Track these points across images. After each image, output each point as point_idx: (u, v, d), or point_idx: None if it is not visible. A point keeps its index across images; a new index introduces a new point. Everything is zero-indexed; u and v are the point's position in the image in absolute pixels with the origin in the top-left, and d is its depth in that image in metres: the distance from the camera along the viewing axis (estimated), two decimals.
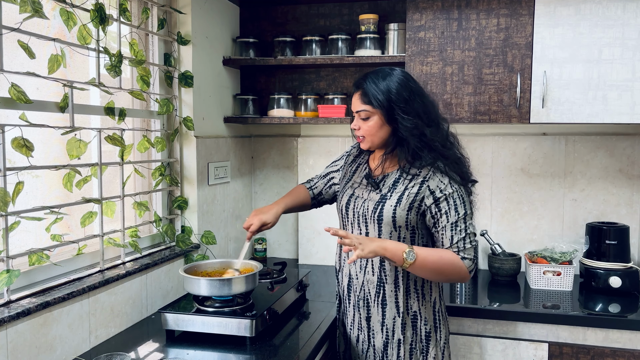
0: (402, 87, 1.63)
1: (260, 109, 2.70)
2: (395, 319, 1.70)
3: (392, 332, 1.71)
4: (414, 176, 1.66)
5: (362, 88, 1.66)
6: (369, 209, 1.69)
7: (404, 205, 1.64)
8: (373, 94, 1.63)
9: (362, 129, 1.68)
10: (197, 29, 2.27)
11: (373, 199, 1.70)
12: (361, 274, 1.74)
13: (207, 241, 2.29)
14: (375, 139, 1.68)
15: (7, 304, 1.43)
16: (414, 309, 1.71)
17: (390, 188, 1.68)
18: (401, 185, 1.67)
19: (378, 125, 1.65)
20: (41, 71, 1.53)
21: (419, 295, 1.71)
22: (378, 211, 1.67)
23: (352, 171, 1.85)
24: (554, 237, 2.54)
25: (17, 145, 1.43)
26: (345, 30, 2.61)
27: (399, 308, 1.70)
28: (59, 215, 1.60)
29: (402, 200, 1.65)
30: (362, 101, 1.66)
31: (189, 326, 1.71)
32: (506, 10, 2.19)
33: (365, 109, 1.65)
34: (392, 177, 1.71)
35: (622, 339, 1.99)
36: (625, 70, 2.09)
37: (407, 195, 1.65)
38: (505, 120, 2.22)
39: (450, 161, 1.65)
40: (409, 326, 1.71)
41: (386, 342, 1.72)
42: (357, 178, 1.80)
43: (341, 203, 1.80)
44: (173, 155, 2.26)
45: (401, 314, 1.70)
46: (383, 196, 1.68)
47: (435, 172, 1.64)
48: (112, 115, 1.85)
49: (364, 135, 1.68)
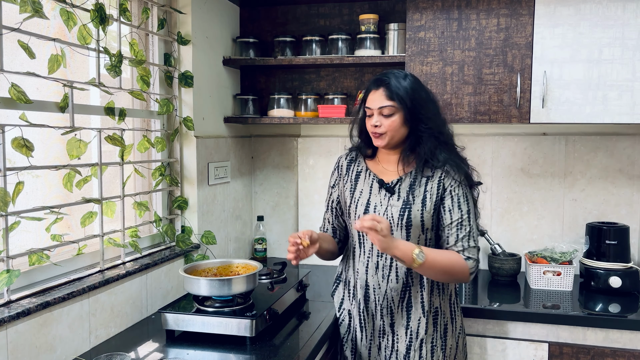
0: (420, 88, 1.69)
1: (260, 109, 2.70)
2: (420, 319, 1.72)
3: (417, 333, 1.72)
4: (429, 177, 1.69)
5: (385, 85, 1.66)
6: (393, 216, 1.68)
7: (429, 208, 1.67)
8: (398, 92, 1.64)
9: (384, 125, 1.66)
10: (197, 29, 2.27)
11: (395, 205, 1.69)
12: (384, 282, 1.72)
13: (207, 241, 2.29)
14: (396, 135, 1.67)
15: (7, 304, 1.43)
16: (436, 305, 1.74)
17: (409, 192, 1.69)
18: (419, 187, 1.69)
19: (399, 123, 1.66)
20: (41, 71, 1.53)
21: (440, 291, 1.75)
22: (405, 217, 1.67)
23: (354, 179, 1.81)
24: (554, 237, 2.54)
25: (17, 145, 1.43)
26: (345, 30, 2.61)
27: (424, 308, 1.71)
28: (59, 215, 1.60)
29: (427, 203, 1.67)
30: (387, 97, 1.65)
31: (189, 326, 1.71)
32: (506, 10, 2.19)
33: (390, 105, 1.65)
34: (406, 180, 1.71)
35: (622, 339, 1.99)
36: (625, 70, 2.09)
37: (430, 197, 1.67)
38: (505, 120, 2.22)
39: (460, 161, 1.70)
40: (430, 324, 1.72)
41: (409, 344, 1.72)
42: (364, 186, 1.77)
43: (357, 213, 1.75)
44: (173, 155, 2.26)
45: (425, 313, 1.72)
46: (406, 202, 1.68)
47: (448, 172, 1.67)
48: (112, 115, 1.84)
49: (386, 132, 1.66)
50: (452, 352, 1.77)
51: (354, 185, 1.80)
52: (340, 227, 1.90)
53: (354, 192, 1.79)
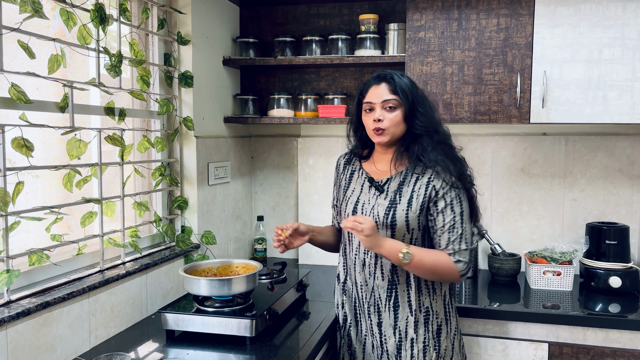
0: (417, 87, 1.72)
1: (260, 109, 2.70)
2: (408, 318, 1.71)
3: (405, 332, 1.71)
4: (418, 176, 1.69)
5: (386, 80, 1.68)
6: (379, 214, 1.69)
7: (415, 208, 1.66)
8: (401, 86, 1.67)
9: (387, 119, 1.66)
10: (197, 29, 2.27)
11: (382, 204, 1.70)
12: (370, 279, 1.73)
13: (207, 241, 2.29)
14: (397, 131, 1.68)
15: (7, 304, 1.43)
16: (426, 305, 1.72)
17: (396, 191, 1.69)
18: (407, 187, 1.69)
19: (400, 118, 1.67)
20: (41, 71, 1.53)
21: (430, 291, 1.73)
22: (390, 216, 1.67)
23: (348, 178, 1.84)
24: (554, 237, 2.54)
25: (17, 145, 1.43)
26: (345, 30, 2.61)
27: (412, 307, 1.71)
28: (59, 215, 1.60)
29: (413, 203, 1.67)
30: (391, 91, 1.67)
31: (189, 326, 1.71)
32: (506, 10, 2.19)
33: (394, 98, 1.66)
34: (396, 179, 1.71)
35: (622, 339, 1.99)
36: (625, 70, 2.09)
37: (416, 197, 1.67)
38: (505, 120, 2.22)
39: (453, 161, 1.69)
40: (421, 324, 1.71)
41: (399, 344, 1.72)
42: (356, 184, 1.79)
43: (347, 211, 1.78)
44: (173, 155, 2.26)
45: (414, 312, 1.71)
46: (392, 201, 1.68)
47: (439, 172, 1.67)
48: (112, 115, 1.85)
49: (388, 127, 1.67)
50: (447, 353, 1.75)
51: (347, 184, 1.83)
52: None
53: (346, 191, 1.82)
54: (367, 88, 1.72)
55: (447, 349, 1.75)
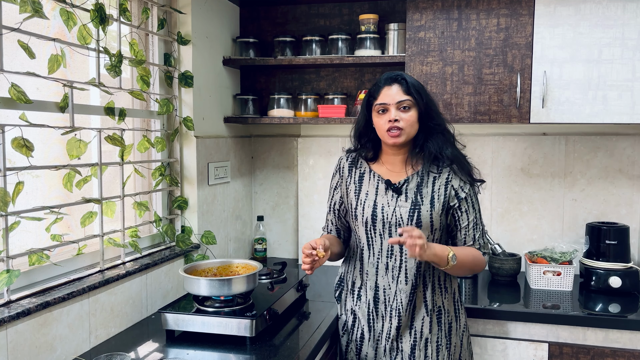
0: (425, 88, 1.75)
1: (260, 109, 2.70)
2: (424, 319, 1.73)
3: (420, 332, 1.73)
4: (436, 176, 1.71)
5: (399, 81, 1.68)
6: (402, 217, 1.69)
7: (438, 208, 1.69)
8: (415, 87, 1.68)
9: (403, 119, 1.66)
10: (197, 29, 2.27)
11: (403, 206, 1.70)
12: (394, 283, 1.73)
13: (207, 241, 2.29)
14: (412, 131, 1.69)
15: (7, 304, 1.43)
16: (439, 305, 1.75)
17: (416, 192, 1.70)
18: (426, 187, 1.70)
19: (415, 118, 1.68)
20: (41, 71, 1.53)
21: (442, 290, 1.76)
22: (415, 217, 1.68)
23: (357, 181, 1.79)
24: (554, 237, 2.54)
25: (17, 145, 1.43)
26: (345, 30, 2.61)
27: (427, 307, 1.73)
28: (59, 215, 1.60)
29: (435, 203, 1.69)
30: (404, 92, 1.67)
31: (189, 326, 1.71)
32: (506, 10, 2.19)
33: (408, 99, 1.67)
34: (413, 180, 1.72)
35: (622, 339, 1.99)
36: (625, 70, 2.09)
37: (438, 197, 1.69)
38: (505, 120, 2.22)
39: (464, 160, 1.73)
40: (434, 323, 1.74)
41: (414, 344, 1.73)
42: (370, 187, 1.76)
43: (365, 215, 1.74)
44: (173, 155, 2.26)
45: (429, 312, 1.73)
46: (414, 202, 1.69)
47: (455, 172, 1.71)
48: (112, 115, 1.84)
49: (404, 127, 1.66)
50: (456, 350, 1.78)
51: (358, 187, 1.78)
52: (343, 227, 1.89)
53: (359, 194, 1.77)
54: (377, 90, 1.71)
55: (456, 346, 1.78)
